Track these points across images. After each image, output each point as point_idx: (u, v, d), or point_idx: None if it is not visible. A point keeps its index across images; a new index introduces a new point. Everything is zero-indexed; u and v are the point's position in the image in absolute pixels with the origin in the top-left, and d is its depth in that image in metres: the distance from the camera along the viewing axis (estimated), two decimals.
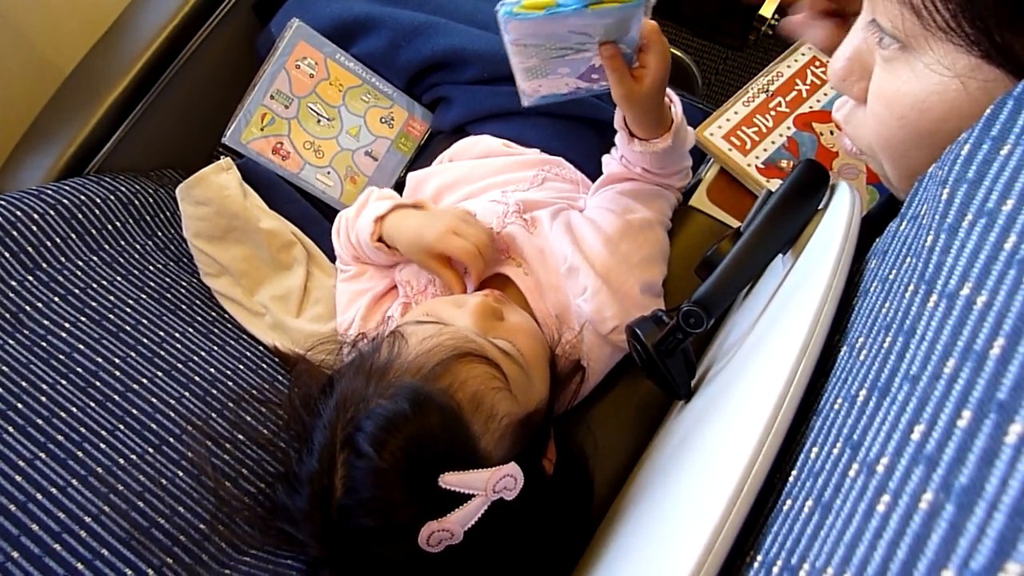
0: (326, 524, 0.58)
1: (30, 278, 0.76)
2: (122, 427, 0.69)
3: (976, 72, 0.42)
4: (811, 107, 0.87)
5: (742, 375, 0.49)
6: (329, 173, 0.94)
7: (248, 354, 0.83)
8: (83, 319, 0.76)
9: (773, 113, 0.86)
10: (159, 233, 0.89)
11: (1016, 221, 0.28)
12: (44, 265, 0.78)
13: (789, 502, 0.33)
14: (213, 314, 0.86)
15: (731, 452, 0.37)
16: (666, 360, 0.61)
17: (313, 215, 0.93)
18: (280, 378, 0.82)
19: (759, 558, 0.32)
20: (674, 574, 0.33)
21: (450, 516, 0.55)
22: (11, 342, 0.70)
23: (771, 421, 0.35)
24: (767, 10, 1.06)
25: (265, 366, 0.83)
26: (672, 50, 1.23)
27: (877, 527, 0.24)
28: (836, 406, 0.34)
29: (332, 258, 0.89)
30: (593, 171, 0.84)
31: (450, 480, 0.55)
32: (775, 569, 0.30)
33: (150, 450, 0.68)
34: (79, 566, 0.57)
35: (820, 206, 0.58)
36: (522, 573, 0.60)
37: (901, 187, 0.54)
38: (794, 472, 0.35)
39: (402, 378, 0.59)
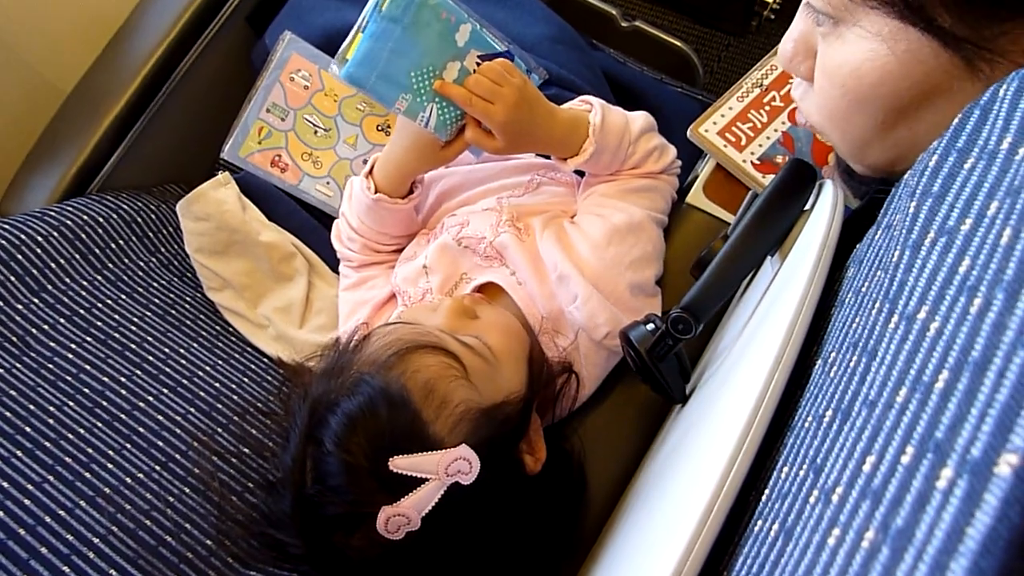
0: (302, 519, 0.60)
1: (36, 300, 0.77)
2: (129, 446, 0.70)
3: (900, 35, 0.45)
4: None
5: (728, 382, 0.49)
6: (328, 183, 0.95)
7: (253, 367, 0.84)
8: (89, 339, 0.77)
9: (768, 108, 0.86)
10: (162, 249, 0.91)
11: (972, 243, 0.28)
12: (49, 287, 0.79)
13: (760, 523, 0.33)
14: (217, 328, 0.87)
15: (708, 467, 0.37)
16: (659, 365, 0.61)
17: (313, 225, 0.94)
18: (284, 390, 0.83)
19: None
20: None
21: (404, 500, 0.56)
22: (18, 365, 0.72)
23: (741, 442, 0.35)
24: None
25: (270, 378, 0.84)
26: (672, 40, 1.23)
27: (826, 562, 0.24)
28: (806, 424, 0.34)
29: (334, 268, 0.90)
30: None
31: (400, 463, 0.56)
32: None
33: (157, 468, 0.69)
34: None
35: (807, 207, 0.58)
36: (506, 570, 0.61)
37: (852, 158, 0.57)
38: (767, 491, 0.35)
39: (359, 372, 0.61)
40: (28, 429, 0.67)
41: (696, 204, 0.84)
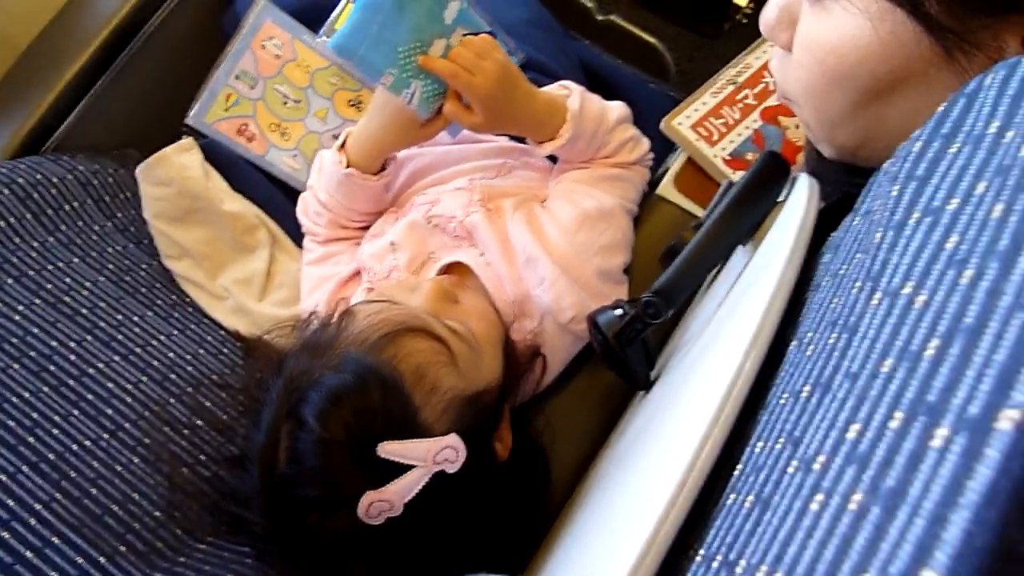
0: (271, 498, 0.58)
1: None
2: (76, 412, 0.68)
3: (886, 16, 0.46)
4: (778, 100, 0.87)
5: (697, 367, 0.49)
6: (296, 156, 0.92)
7: (209, 339, 0.82)
8: (37, 301, 0.74)
9: (741, 105, 0.86)
10: (119, 214, 0.87)
11: (959, 220, 0.28)
12: None
13: (733, 496, 0.33)
14: (173, 297, 0.84)
15: (679, 446, 0.37)
16: (626, 350, 0.61)
17: (279, 198, 0.91)
18: (241, 364, 0.81)
19: (702, 551, 0.32)
20: (617, 567, 0.33)
21: (389, 487, 0.55)
22: None
23: (716, 416, 0.35)
24: None
25: (226, 351, 0.82)
26: (645, 36, 1.23)
27: (809, 526, 0.24)
28: (782, 401, 0.35)
29: (298, 242, 0.88)
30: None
31: (389, 449, 0.55)
32: (715, 564, 0.30)
33: (105, 436, 0.67)
34: (28, 554, 0.57)
35: (780, 198, 0.58)
36: (472, 556, 0.60)
37: (820, 135, 0.57)
38: (739, 466, 0.35)
39: (347, 350, 0.60)
40: None
41: (666, 196, 0.85)
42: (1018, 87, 0.31)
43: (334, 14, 0.66)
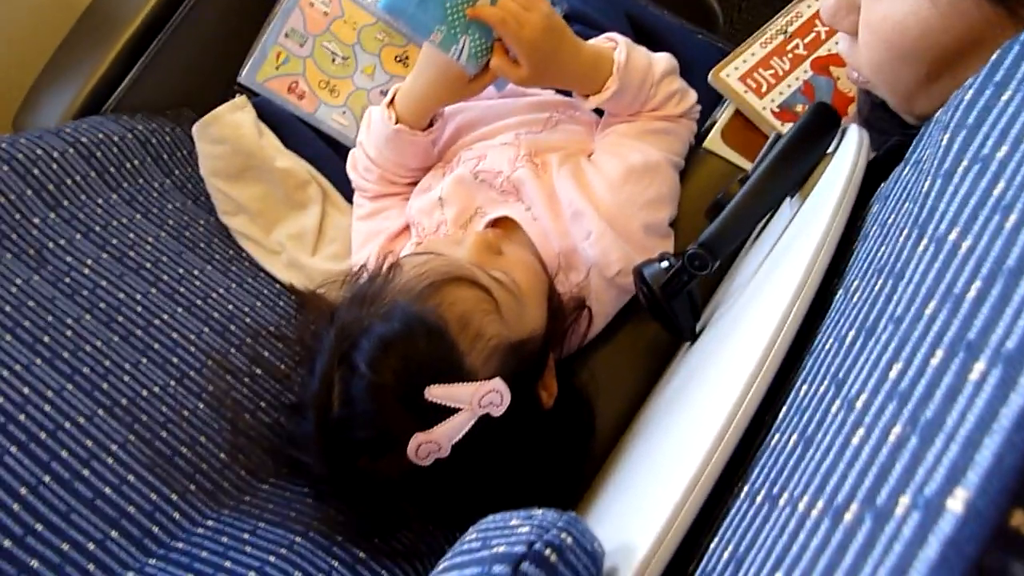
0: (326, 441, 0.61)
1: (52, 215, 0.78)
2: (144, 360, 0.71)
3: None
4: (829, 50, 0.85)
5: (743, 316, 0.50)
6: (344, 112, 0.94)
7: (265, 292, 0.85)
8: (104, 255, 0.78)
9: (791, 56, 0.85)
10: (176, 172, 0.91)
11: (1007, 167, 0.28)
12: (65, 203, 0.79)
13: (777, 436, 0.34)
14: (231, 252, 0.87)
15: (725, 390, 0.38)
16: (672, 302, 0.62)
17: (328, 154, 0.93)
18: (298, 316, 0.84)
19: (745, 488, 0.34)
20: (664, 503, 0.35)
21: (436, 429, 0.57)
22: (36, 277, 0.73)
23: (762, 361, 0.36)
24: None
25: (282, 303, 0.85)
26: None
27: (850, 458, 0.25)
28: (827, 346, 0.35)
29: (348, 198, 0.90)
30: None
31: (435, 392, 0.57)
32: (759, 498, 0.31)
33: (172, 383, 0.71)
34: (107, 490, 0.61)
35: (830, 150, 0.58)
36: (517, 501, 0.63)
37: (901, 108, 0.57)
38: (784, 408, 0.36)
39: (394, 300, 0.62)
40: (46, 339, 0.68)
41: (713, 149, 0.84)
42: None
43: None
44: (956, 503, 0.17)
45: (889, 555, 0.19)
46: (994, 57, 0.36)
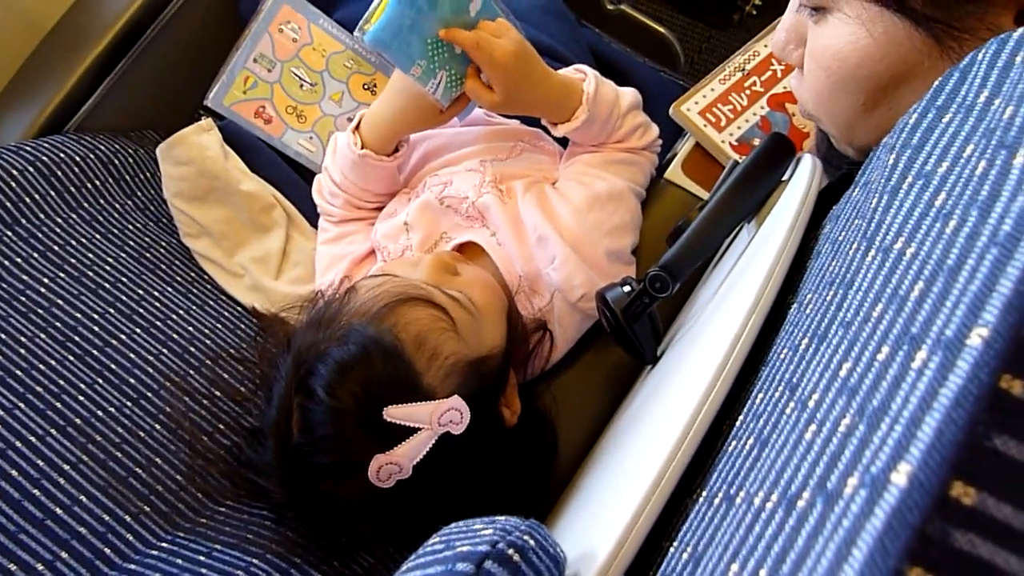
0: (287, 468, 0.60)
1: (8, 233, 0.76)
2: (100, 381, 0.70)
3: (877, 19, 0.49)
4: (785, 87, 0.88)
5: (700, 335, 0.51)
6: (311, 138, 0.95)
7: (226, 314, 0.84)
8: (62, 275, 0.76)
9: (748, 92, 0.88)
10: (139, 193, 0.90)
11: (948, 180, 0.30)
12: (23, 221, 0.78)
13: (734, 443, 0.35)
14: (192, 274, 0.87)
15: (682, 404, 0.39)
16: (633, 325, 0.63)
17: (294, 179, 0.94)
18: (259, 339, 0.84)
19: (704, 493, 0.34)
20: (624, 511, 0.35)
21: (397, 449, 0.57)
22: None
23: (718, 373, 0.37)
24: None
25: (243, 326, 0.84)
26: (656, 27, 1.25)
27: (803, 452, 0.26)
28: (782, 355, 0.37)
29: (313, 222, 0.90)
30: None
31: (394, 413, 0.57)
32: (717, 500, 0.32)
33: (128, 404, 0.69)
34: (58, 511, 0.59)
35: (784, 177, 0.60)
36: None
37: (843, 140, 0.60)
38: (740, 417, 0.37)
39: (350, 323, 0.62)
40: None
41: (674, 180, 0.87)
42: (1007, 58, 0.33)
43: (370, 10, 0.69)
44: (900, 477, 0.18)
45: (838, 531, 0.19)
46: (936, 83, 0.38)
